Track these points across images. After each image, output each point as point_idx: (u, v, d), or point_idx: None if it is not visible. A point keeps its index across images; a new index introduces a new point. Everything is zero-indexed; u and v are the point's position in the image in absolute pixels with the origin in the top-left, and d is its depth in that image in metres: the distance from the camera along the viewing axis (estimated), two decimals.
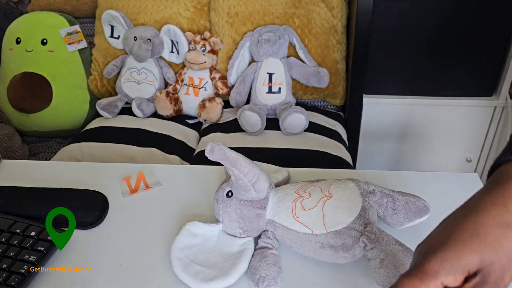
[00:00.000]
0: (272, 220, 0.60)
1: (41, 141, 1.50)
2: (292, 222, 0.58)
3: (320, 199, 0.58)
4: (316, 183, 0.63)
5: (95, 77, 1.49)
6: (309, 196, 0.59)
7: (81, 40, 1.47)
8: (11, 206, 0.69)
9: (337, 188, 0.60)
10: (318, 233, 0.56)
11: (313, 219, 0.57)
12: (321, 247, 0.57)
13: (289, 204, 0.60)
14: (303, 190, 0.61)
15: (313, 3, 1.37)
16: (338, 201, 0.58)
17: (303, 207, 0.58)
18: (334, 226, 0.56)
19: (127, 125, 1.35)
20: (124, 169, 0.80)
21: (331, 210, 0.57)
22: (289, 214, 0.59)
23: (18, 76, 1.41)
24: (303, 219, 0.58)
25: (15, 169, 0.82)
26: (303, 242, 0.58)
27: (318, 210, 0.58)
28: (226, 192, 0.62)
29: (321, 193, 0.59)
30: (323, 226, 0.57)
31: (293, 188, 0.62)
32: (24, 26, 1.45)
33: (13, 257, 0.60)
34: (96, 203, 0.70)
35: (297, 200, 0.59)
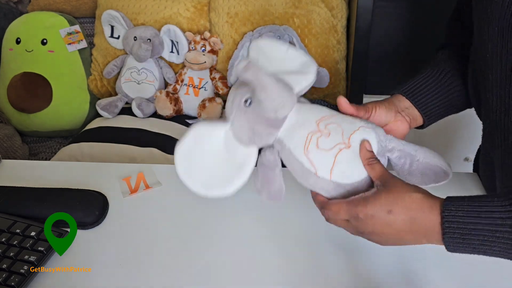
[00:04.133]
0: (283, 141, 0.57)
1: (41, 141, 1.50)
2: (300, 153, 0.55)
3: (337, 145, 0.54)
4: (342, 118, 0.57)
5: (95, 77, 1.49)
6: (328, 135, 0.55)
7: (81, 40, 1.47)
8: (11, 206, 0.69)
9: (359, 137, 0.55)
10: (321, 176, 0.54)
11: (323, 161, 0.54)
12: (317, 187, 0.56)
13: (305, 134, 0.55)
14: (325, 123, 0.56)
15: (313, 3, 1.37)
16: (354, 154, 0.54)
17: (317, 145, 0.54)
18: (340, 178, 0.54)
19: (127, 125, 1.35)
20: (124, 169, 0.80)
21: (344, 161, 0.54)
22: (301, 145, 0.55)
23: (18, 76, 1.41)
24: (313, 156, 0.54)
25: (15, 169, 0.82)
26: (302, 175, 0.56)
27: (331, 155, 0.54)
28: (244, 99, 0.56)
29: (341, 137, 0.55)
30: (329, 172, 0.54)
31: (315, 115, 0.57)
32: (24, 26, 1.45)
33: (13, 257, 0.60)
34: (96, 203, 0.70)
35: (315, 135, 0.55)
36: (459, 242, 0.47)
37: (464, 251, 0.47)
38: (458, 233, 0.46)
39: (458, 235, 0.46)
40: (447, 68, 0.70)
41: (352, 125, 0.56)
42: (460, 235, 0.46)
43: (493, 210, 0.45)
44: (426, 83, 0.67)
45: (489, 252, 0.46)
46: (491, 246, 0.45)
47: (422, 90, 0.66)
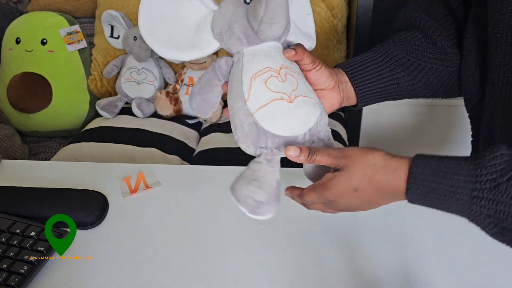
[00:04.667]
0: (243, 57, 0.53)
1: (41, 141, 1.50)
2: (248, 75, 0.52)
3: (282, 93, 0.51)
4: (305, 82, 0.55)
5: (95, 77, 1.49)
6: (282, 81, 0.52)
7: (81, 40, 1.47)
8: (11, 206, 0.69)
9: (304, 104, 0.52)
10: (248, 106, 0.51)
11: (260, 95, 0.51)
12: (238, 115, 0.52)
13: (264, 65, 0.52)
14: (288, 72, 0.53)
15: (313, 3, 1.36)
16: (288, 111, 0.51)
17: (266, 81, 0.51)
18: (261, 120, 0.51)
19: (127, 125, 1.35)
20: (124, 169, 0.80)
21: (276, 110, 0.50)
22: (254, 71, 0.52)
23: (18, 76, 1.41)
24: (256, 85, 0.51)
25: (15, 169, 0.82)
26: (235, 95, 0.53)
27: (270, 96, 0.51)
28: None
29: (291, 91, 0.51)
30: (256, 108, 0.51)
31: (285, 61, 0.54)
32: (24, 26, 1.45)
33: (13, 257, 0.60)
34: (96, 203, 0.70)
35: (272, 72, 0.52)
36: (421, 198, 0.47)
37: (423, 205, 0.48)
38: (421, 190, 0.47)
39: (421, 191, 0.47)
40: (396, 52, 0.65)
41: (308, 91, 0.54)
42: (422, 192, 0.47)
43: (458, 172, 0.45)
44: (369, 63, 0.64)
45: (446, 209, 0.47)
46: (450, 205, 0.46)
47: (363, 70, 0.64)
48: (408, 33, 0.66)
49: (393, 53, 0.65)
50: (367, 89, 0.64)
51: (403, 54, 0.65)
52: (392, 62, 0.65)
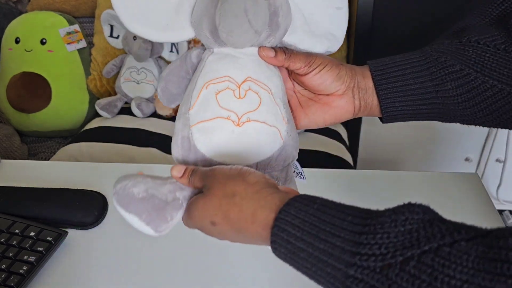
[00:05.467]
0: (210, 55, 0.46)
1: (41, 141, 1.50)
2: (202, 81, 0.44)
3: (231, 113, 0.42)
4: (272, 103, 0.44)
5: (95, 76, 1.49)
6: (238, 98, 0.43)
7: (80, 40, 1.47)
8: (10, 206, 0.69)
9: (257, 134, 0.43)
10: (190, 115, 0.44)
11: (205, 109, 0.43)
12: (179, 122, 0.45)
13: (224, 73, 0.44)
14: (252, 87, 0.44)
15: None
16: (230, 136, 0.42)
17: (218, 93, 0.43)
18: (197, 138, 0.43)
19: (127, 125, 1.35)
20: (124, 169, 0.80)
21: (216, 130, 0.42)
22: (210, 77, 0.44)
23: (17, 76, 1.41)
24: (204, 96, 0.43)
25: (14, 169, 0.82)
26: (185, 97, 0.46)
27: (214, 113, 0.43)
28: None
29: (244, 112, 0.42)
30: (196, 121, 0.43)
31: (254, 71, 0.45)
32: (23, 25, 1.45)
33: (12, 257, 0.60)
34: (95, 204, 0.70)
35: (230, 83, 0.43)
36: (287, 259, 0.35)
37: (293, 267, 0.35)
38: (285, 249, 0.34)
39: (285, 251, 0.34)
40: (451, 62, 0.45)
41: (271, 117, 0.43)
42: (287, 252, 0.34)
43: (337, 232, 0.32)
44: (407, 69, 0.47)
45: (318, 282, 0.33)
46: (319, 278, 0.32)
47: (397, 77, 0.46)
48: (481, 36, 0.45)
49: (446, 62, 0.45)
50: (397, 104, 0.47)
51: (462, 65, 0.45)
52: (442, 75, 0.45)
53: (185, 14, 0.45)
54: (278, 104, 0.44)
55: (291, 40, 0.47)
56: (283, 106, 0.45)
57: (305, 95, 0.51)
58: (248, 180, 0.37)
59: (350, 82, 0.48)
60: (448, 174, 0.78)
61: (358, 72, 0.49)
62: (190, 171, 0.41)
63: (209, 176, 0.39)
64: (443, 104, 0.46)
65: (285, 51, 0.46)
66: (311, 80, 0.47)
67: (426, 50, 0.47)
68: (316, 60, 0.47)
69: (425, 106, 0.47)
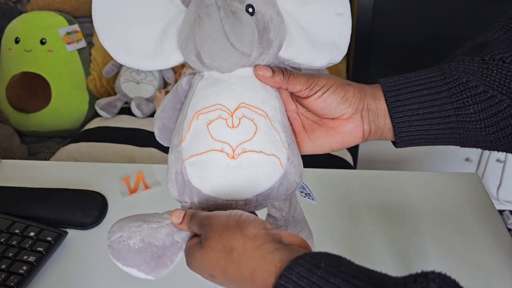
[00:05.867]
0: (200, 80, 0.42)
1: (40, 141, 1.50)
2: (192, 110, 0.41)
3: (225, 145, 0.39)
4: (270, 128, 0.40)
5: (94, 76, 1.49)
6: (232, 127, 0.39)
7: (80, 40, 1.47)
8: (10, 206, 0.69)
9: (256, 168, 0.39)
10: (182, 149, 0.41)
11: (197, 142, 0.40)
12: (171, 156, 0.42)
13: (215, 102, 0.40)
14: (247, 114, 0.40)
15: None
16: (227, 170, 0.39)
17: (210, 124, 0.39)
18: (191, 174, 0.40)
19: (126, 125, 1.35)
20: (124, 169, 0.80)
21: (209, 165, 0.39)
22: (201, 105, 0.40)
23: (17, 76, 1.41)
24: (196, 126, 0.40)
25: (14, 169, 0.82)
26: (176, 128, 0.43)
27: (208, 145, 0.39)
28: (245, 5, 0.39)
29: (240, 142, 0.39)
30: (189, 155, 0.40)
31: (250, 97, 0.40)
32: (23, 25, 1.45)
33: (12, 257, 0.60)
34: (95, 204, 0.70)
35: (222, 111, 0.40)
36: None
37: None
38: None
39: None
40: (473, 83, 0.40)
41: (270, 145, 0.40)
42: None
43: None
44: (424, 90, 0.42)
45: None
46: None
47: (413, 98, 0.42)
48: (506, 54, 0.40)
49: (468, 82, 0.41)
50: (412, 129, 0.43)
51: (485, 86, 0.40)
52: (464, 97, 0.41)
53: (173, 37, 0.41)
54: (277, 129, 0.40)
55: (287, 55, 0.43)
56: (282, 130, 0.41)
57: (309, 118, 0.46)
58: (246, 232, 0.34)
59: (358, 104, 0.43)
60: (448, 174, 0.78)
61: (367, 92, 0.44)
62: (188, 217, 0.39)
63: (207, 225, 0.36)
64: (464, 129, 0.42)
65: (284, 72, 0.41)
66: (313, 104, 0.43)
67: (445, 68, 0.42)
68: (319, 82, 0.42)
69: (444, 131, 0.42)
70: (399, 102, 0.42)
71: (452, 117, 0.41)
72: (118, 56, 0.42)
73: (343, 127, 0.44)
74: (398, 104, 0.42)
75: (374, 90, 0.44)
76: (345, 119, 0.43)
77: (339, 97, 0.42)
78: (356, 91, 0.43)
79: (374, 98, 0.43)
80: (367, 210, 0.70)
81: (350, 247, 0.64)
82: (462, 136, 0.42)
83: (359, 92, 0.43)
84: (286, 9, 0.43)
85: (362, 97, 0.43)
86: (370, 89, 0.44)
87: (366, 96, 0.43)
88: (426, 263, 0.61)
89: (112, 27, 0.41)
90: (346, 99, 0.43)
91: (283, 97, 0.45)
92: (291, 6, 0.43)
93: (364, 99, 0.43)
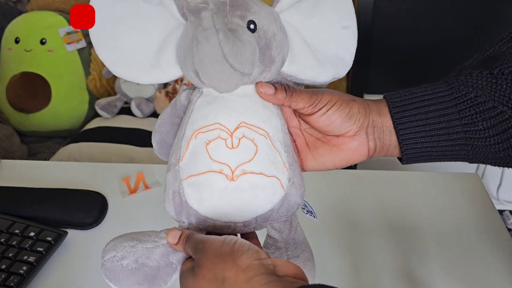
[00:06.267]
0: (199, 97, 0.41)
1: (40, 141, 1.50)
2: (190, 129, 0.40)
3: (224, 166, 0.38)
4: (270, 148, 0.39)
5: (94, 76, 1.49)
6: (231, 148, 0.38)
7: (80, 40, 1.47)
8: (10, 207, 0.68)
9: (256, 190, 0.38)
10: (180, 168, 0.39)
11: (195, 161, 0.39)
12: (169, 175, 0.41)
13: (214, 121, 0.39)
14: (247, 134, 0.38)
15: None
16: (225, 192, 0.38)
17: (209, 143, 0.38)
18: (189, 195, 0.39)
19: (126, 125, 1.35)
20: (123, 169, 0.80)
21: (207, 186, 0.38)
22: (199, 124, 0.39)
23: (17, 76, 1.41)
24: (194, 146, 0.39)
25: (14, 169, 0.82)
26: (173, 146, 0.42)
27: (206, 166, 0.38)
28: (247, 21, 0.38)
29: (239, 163, 0.38)
30: (187, 176, 0.39)
31: (250, 115, 0.39)
32: (23, 25, 1.45)
33: (12, 257, 0.60)
34: (95, 204, 0.70)
35: (221, 131, 0.38)
36: None
37: None
38: None
39: None
40: (482, 98, 0.39)
41: (271, 166, 0.38)
42: None
43: None
44: (431, 106, 0.41)
45: None
46: None
47: (419, 115, 0.41)
48: None
49: (476, 98, 0.40)
50: (419, 146, 0.42)
51: (495, 102, 0.39)
52: (473, 113, 0.40)
53: (171, 50, 0.40)
54: (278, 149, 0.39)
55: (290, 71, 0.42)
56: (283, 150, 0.40)
57: (312, 135, 0.45)
58: (239, 263, 0.33)
59: (363, 121, 0.42)
60: (448, 174, 0.78)
61: (373, 108, 0.43)
62: (184, 238, 0.38)
63: (200, 250, 0.35)
64: (473, 145, 0.40)
65: (287, 90, 0.40)
66: (317, 121, 0.42)
67: (452, 83, 0.41)
68: (323, 99, 0.41)
69: (452, 148, 0.41)
70: (405, 118, 0.41)
71: (460, 134, 0.40)
72: (115, 69, 0.41)
73: (348, 144, 0.43)
74: (404, 120, 0.41)
75: (379, 106, 0.43)
76: (350, 136, 0.43)
77: (344, 114, 0.41)
78: (361, 107, 0.42)
79: (379, 114, 0.42)
80: (367, 210, 0.70)
81: (349, 247, 0.64)
82: (471, 152, 0.41)
83: (364, 109, 0.42)
84: (290, 22, 0.41)
85: (367, 113, 0.42)
86: (375, 105, 0.43)
87: (371, 113, 0.42)
88: (426, 264, 0.61)
89: (108, 40, 0.40)
90: (351, 116, 0.42)
91: (286, 113, 0.44)
92: (295, 19, 0.42)
93: (369, 116, 0.42)
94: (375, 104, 0.43)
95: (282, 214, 0.40)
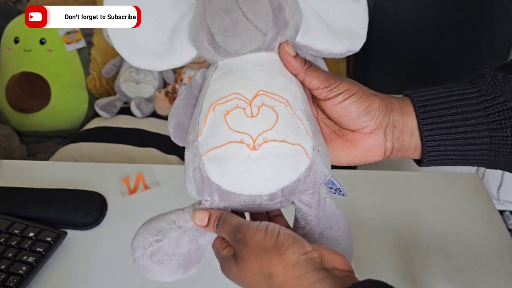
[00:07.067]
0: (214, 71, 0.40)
1: (40, 141, 1.50)
2: (207, 103, 0.39)
3: (245, 135, 0.36)
4: (291, 115, 0.37)
5: (94, 76, 1.49)
6: (251, 116, 0.36)
7: (79, 40, 1.47)
8: (9, 207, 0.68)
9: (276, 156, 0.36)
10: (199, 143, 0.38)
11: (215, 134, 0.37)
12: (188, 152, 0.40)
13: (232, 91, 0.38)
14: (267, 101, 0.37)
15: None
16: (247, 162, 0.36)
17: (228, 114, 0.37)
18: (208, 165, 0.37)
19: (126, 125, 1.35)
20: (123, 170, 0.80)
21: (230, 157, 0.36)
22: (217, 97, 0.38)
23: (16, 76, 1.41)
24: (212, 118, 0.38)
25: (13, 169, 0.82)
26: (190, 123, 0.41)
27: (226, 137, 0.37)
28: None
29: (260, 131, 0.36)
30: (207, 150, 0.37)
31: (268, 82, 0.38)
32: (23, 25, 1.45)
33: (11, 258, 0.60)
34: (94, 204, 0.70)
35: (240, 101, 0.37)
36: None
37: None
38: None
39: None
40: (510, 103, 0.37)
41: (293, 133, 0.37)
42: None
43: None
44: (458, 108, 0.38)
45: None
46: None
47: (446, 117, 0.39)
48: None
49: (506, 103, 0.38)
50: (442, 148, 0.39)
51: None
52: (502, 119, 0.38)
53: (184, 32, 0.40)
54: (299, 117, 0.37)
55: (306, 41, 0.40)
56: (305, 118, 0.38)
57: (329, 126, 0.43)
58: (286, 258, 0.32)
59: (382, 119, 0.39)
60: (449, 174, 0.78)
61: (395, 107, 0.40)
62: (215, 220, 0.37)
63: (240, 242, 0.34)
64: (497, 151, 0.38)
65: (306, 61, 0.38)
66: (332, 110, 0.39)
67: (480, 85, 0.39)
68: (341, 85, 0.38)
69: (475, 152, 0.39)
70: (431, 119, 0.39)
71: (486, 139, 0.38)
72: (131, 58, 0.41)
73: (363, 142, 0.41)
74: (430, 121, 0.39)
75: (402, 104, 0.40)
76: (366, 133, 0.40)
77: (362, 108, 0.39)
78: (382, 104, 0.39)
79: (401, 113, 0.40)
80: (367, 210, 0.70)
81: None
82: (493, 158, 0.39)
83: (385, 106, 0.40)
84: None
85: (388, 111, 0.39)
86: (398, 103, 0.40)
87: (393, 111, 0.40)
88: (426, 264, 0.61)
89: (123, 29, 0.40)
90: (369, 111, 0.39)
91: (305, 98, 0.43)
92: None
93: (390, 114, 0.40)
94: (398, 102, 0.41)
95: (309, 185, 0.37)
